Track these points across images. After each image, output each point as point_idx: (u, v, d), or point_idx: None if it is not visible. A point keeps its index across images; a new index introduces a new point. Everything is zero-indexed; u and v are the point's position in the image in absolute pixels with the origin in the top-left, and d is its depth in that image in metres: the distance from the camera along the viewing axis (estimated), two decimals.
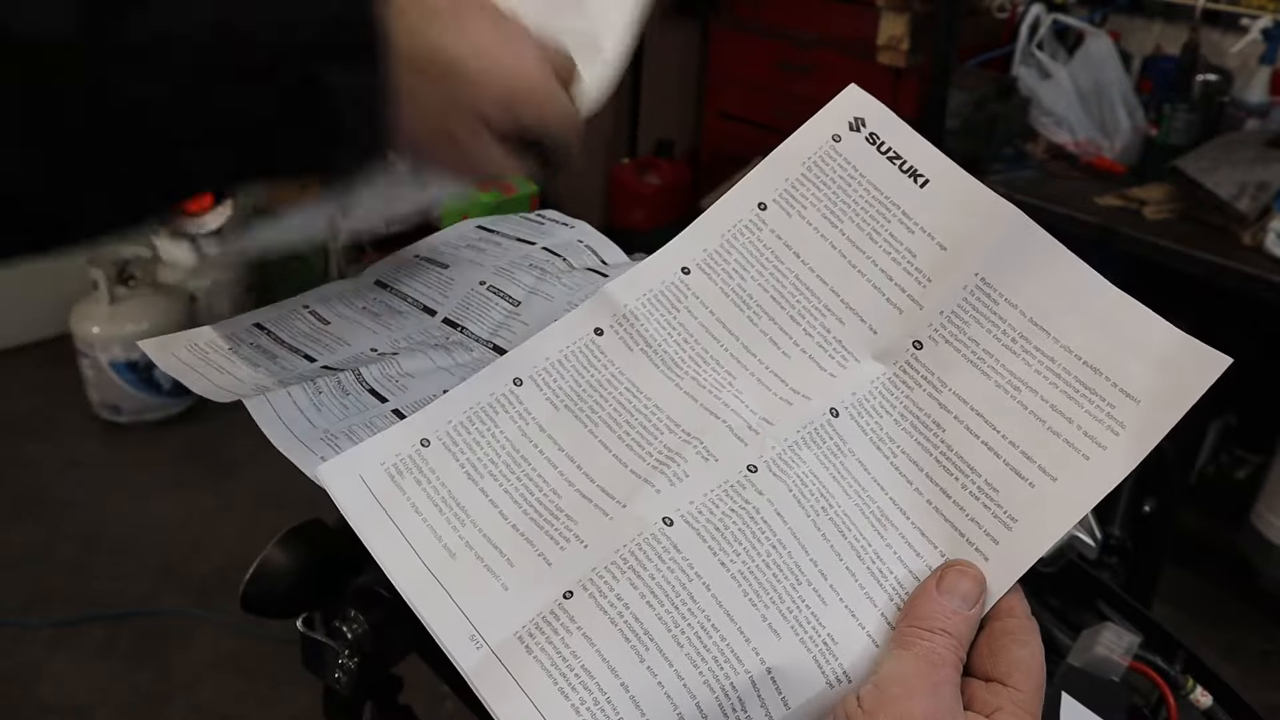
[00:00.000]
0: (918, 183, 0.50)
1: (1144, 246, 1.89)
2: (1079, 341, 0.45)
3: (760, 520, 0.44)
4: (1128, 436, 0.43)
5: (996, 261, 0.47)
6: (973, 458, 0.45)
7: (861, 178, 0.51)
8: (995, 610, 0.42)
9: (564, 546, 0.44)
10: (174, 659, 1.89)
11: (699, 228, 0.52)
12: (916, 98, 2.43)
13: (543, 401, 0.49)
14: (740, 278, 0.51)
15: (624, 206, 3.08)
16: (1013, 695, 0.39)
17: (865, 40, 2.54)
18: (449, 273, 0.65)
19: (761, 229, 0.52)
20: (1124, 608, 0.69)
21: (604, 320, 0.51)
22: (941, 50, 2.01)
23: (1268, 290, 1.79)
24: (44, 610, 1.95)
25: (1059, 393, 0.45)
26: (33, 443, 2.39)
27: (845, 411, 0.47)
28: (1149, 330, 0.44)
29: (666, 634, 0.41)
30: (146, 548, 2.12)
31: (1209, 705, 0.63)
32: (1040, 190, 2.05)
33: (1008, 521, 0.44)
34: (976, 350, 0.46)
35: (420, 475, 0.46)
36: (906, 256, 0.49)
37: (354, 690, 0.70)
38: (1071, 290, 0.46)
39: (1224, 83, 2.11)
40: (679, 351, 0.50)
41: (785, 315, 0.50)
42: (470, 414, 0.48)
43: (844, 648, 0.42)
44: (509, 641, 0.41)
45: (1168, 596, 1.83)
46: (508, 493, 0.46)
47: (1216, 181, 1.87)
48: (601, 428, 0.48)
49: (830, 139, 0.52)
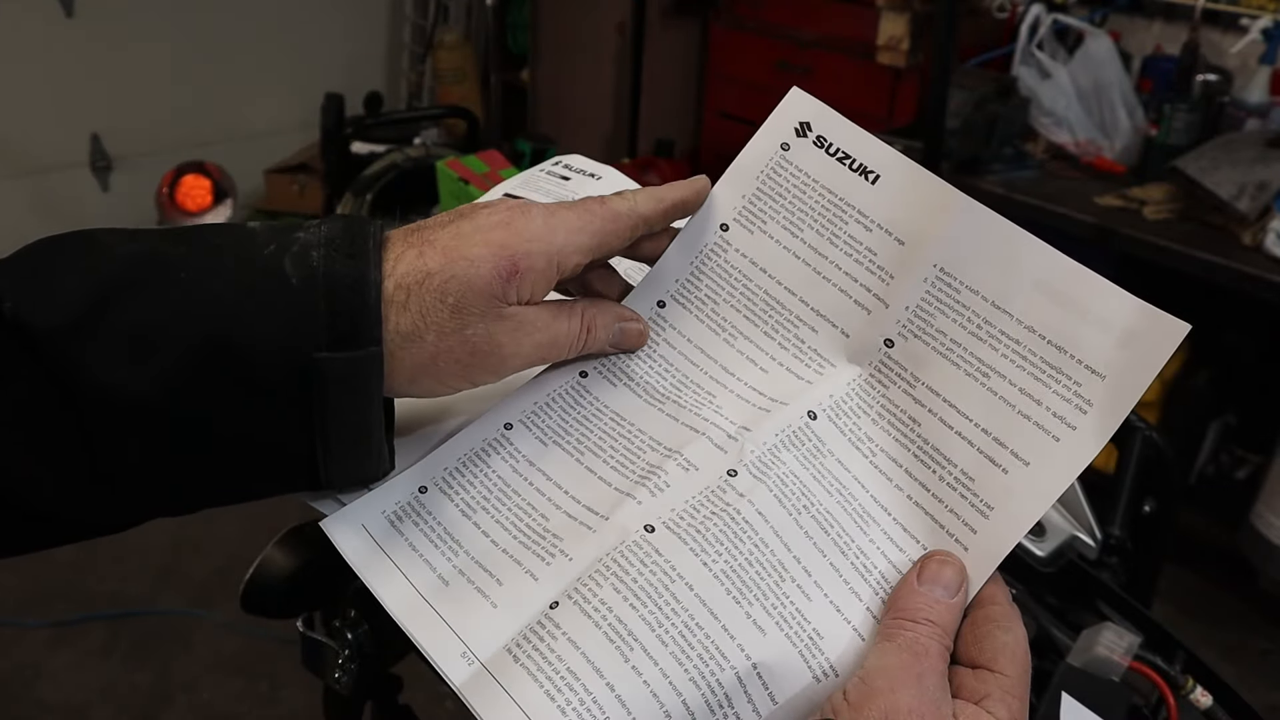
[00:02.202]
0: (869, 180, 0.50)
1: (1144, 246, 1.90)
2: (1041, 320, 0.45)
3: (741, 520, 0.44)
4: (1095, 414, 0.43)
5: (953, 250, 0.47)
6: (949, 449, 0.45)
7: (815, 183, 0.51)
8: (978, 599, 0.43)
9: (550, 562, 0.45)
10: (174, 659, 1.89)
11: (669, 259, 0.53)
12: (916, 98, 2.43)
13: (532, 440, 0.50)
14: (714, 303, 0.52)
15: None
16: (1000, 681, 0.40)
17: (865, 40, 2.55)
18: None
19: (727, 250, 0.52)
20: (1124, 608, 0.69)
21: (588, 362, 0.52)
22: (941, 50, 2.01)
23: (1268, 290, 1.79)
24: (44, 610, 1.96)
25: (1027, 375, 0.45)
26: None
27: (823, 414, 0.48)
28: (1109, 302, 0.44)
29: (650, 634, 0.41)
30: (146, 548, 2.12)
31: (1209, 705, 0.63)
32: (1040, 190, 2.06)
33: (984, 510, 0.44)
34: (945, 341, 0.47)
35: (418, 517, 0.47)
36: (868, 256, 0.49)
37: (354, 690, 0.71)
38: (1029, 269, 0.45)
39: (1224, 83, 2.11)
40: (660, 381, 0.51)
41: (760, 333, 0.51)
42: (464, 459, 0.49)
43: (829, 642, 0.42)
44: (498, 654, 0.42)
45: (1168, 596, 1.84)
46: (499, 522, 0.47)
47: (1216, 181, 1.87)
48: (588, 455, 0.49)
49: (779, 148, 0.52)
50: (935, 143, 2.01)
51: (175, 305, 0.39)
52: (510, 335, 0.44)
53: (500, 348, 0.44)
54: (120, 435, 0.40)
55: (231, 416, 0.41)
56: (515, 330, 0.45)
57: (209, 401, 0.40)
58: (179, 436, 0.40)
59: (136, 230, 0.42)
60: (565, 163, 0.70)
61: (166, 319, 0.39)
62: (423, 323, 0.42)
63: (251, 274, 0.41)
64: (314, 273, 0.41)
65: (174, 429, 0.40)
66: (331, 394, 0.41)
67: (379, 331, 0.41)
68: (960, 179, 2.08)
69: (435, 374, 0.44)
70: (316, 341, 0.40)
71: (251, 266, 0.41)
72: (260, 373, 0.40)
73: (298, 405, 0.41)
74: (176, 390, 0.39)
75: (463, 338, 0.43)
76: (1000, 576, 0.43)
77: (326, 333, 0.40)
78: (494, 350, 0.44)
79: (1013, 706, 0.39)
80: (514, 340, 0.45)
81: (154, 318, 0.39)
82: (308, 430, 0.42)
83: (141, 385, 0.39)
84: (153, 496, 0.43)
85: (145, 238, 0.42)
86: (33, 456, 0.39)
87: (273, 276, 0.40)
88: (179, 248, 0.41)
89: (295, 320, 0.40)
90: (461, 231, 0.44)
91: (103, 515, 0.43)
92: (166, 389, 0.39)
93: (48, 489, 0.40)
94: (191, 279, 0.40)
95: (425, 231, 0.44)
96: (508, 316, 0.44)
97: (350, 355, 0.40)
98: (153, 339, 0.39)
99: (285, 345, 0.40)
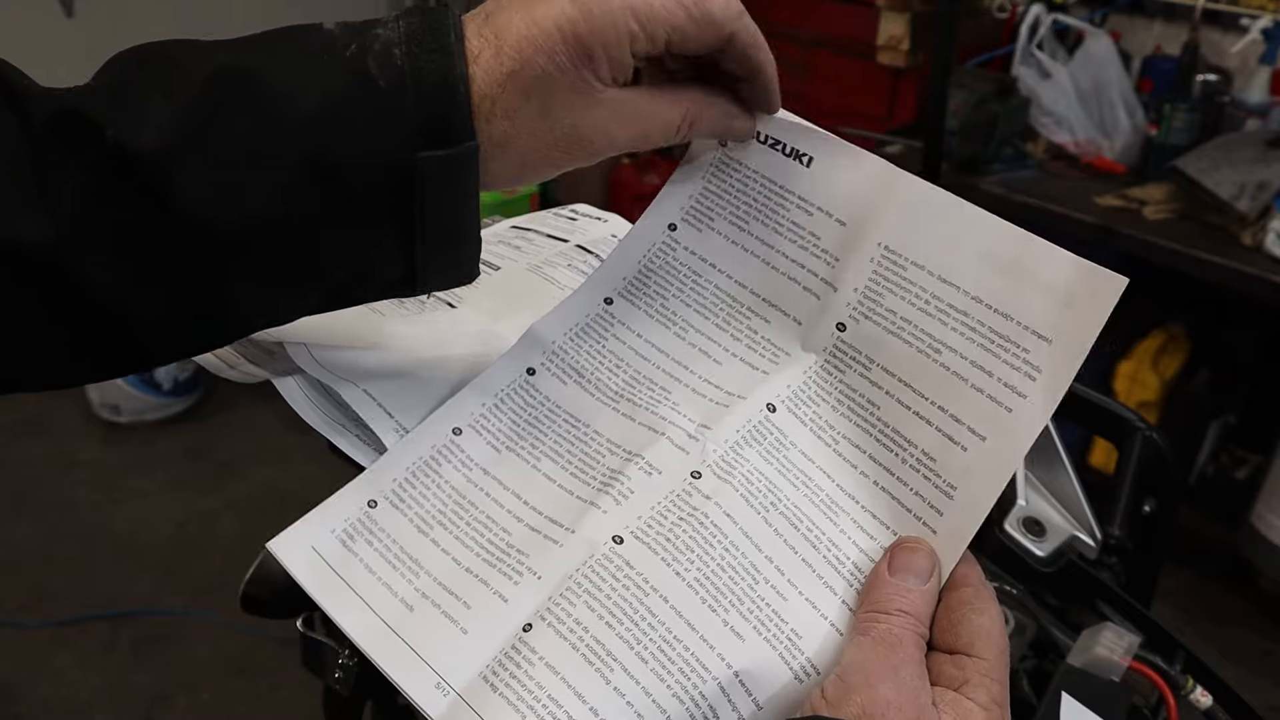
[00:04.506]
0: (803, 163, 0.49)
1: (1144, 246, 1.89)
2: (985, 288, 0.44)
3: (710, 524, 0.44)
4: (1043, 380, 0.42)
5: (894, 226, 0.46)
6: (909, 430, 0.45)
7: (756, 175, 0.51)
8: (950, 581, 0.42)
9: (518, 581, 0.44)
10: (174, 659, 1.89)
11: (615, 259, 0.52)
12: (916, 98, 2.43)
13: (484, 446, 0.49)
14: (663, 298, 0.51)
15: (624, 206, 3.07)
16: (978, 665, 0.40)
17: (865, 40, 2.54)
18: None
19: (676, 248, 0.52)
20: (1124, 608, 0.69)
21: (535, 359, 0.51)
22: (941, 50, 2.00)
23: (1268, 290, 1.79)
24: (44, 610, 1.95)
25: (976, 347, 0.44)
26: (33, 443, 2.39)
27: (782, 405, 0.47)
28: (1049, 263, 0.43)
29: (629, 652, 0.40)
30: (146, 548, 2.12)
31: (1209, 705, 0.63)
32: (1040, 190, 2.05)
33: (948, 490, 0.43)
34: (895, 320, 0.46)
35: (371, 536, 0.46)
36: (812, 240, 0.49)
37: (354, 690, 0.71)
38: (972, 239, 0.45)
39: (1224, 83, 2.11)
40: (611, 377, 0.50)
41: (712, 325, 0.50)
42: (413, 469, 0.48)
43: (808, 641, 0.42)
44: (474, 683, 0.41)
45: (1168, 596, 1.83)
46: (458, 539, 0.46)
47: (1216, 181, 1.87)
48: (545, 461, 0.48)
49: (719, 145, 0.52)
50: (935, 143, 2.01)
51: (263, 128, 0.39)
52: (601, 127, 0.44)
53: (591, 142, 0.44)
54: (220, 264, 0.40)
55: (333, 235, 0.41)
56: (608, 120, 0.44)
57: (309, 224, 0.40)
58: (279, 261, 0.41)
59: (212, 43, 0.42)
60: (573, 208, 0.76)
61: (257, 144, 0.39)
62: (512, 128, 0.42)
63: (337, 79, 0.40)
64: (400, 72, 0.40)
65: (273, 255, 0.40)
66: (430, 195, 0.41)
67: (471, 126, 0.41)
68: (960, 179, 2.08)
69: (529, 169, 0.44)
70: (413, 144, 0.40)
71: (336, 72, 0.40)
72: (359, 186, 0.40)
73: (398, 213, 0.41)
74: (273, 218, 0.39)
75: (553, 137, 0.43)
76: (972, 556, 0.43)
77: (421, 136, 0.40)
78: (586, 144, 0.44)
79: (992, 689, 0.39)
80: (605, 133, 0.44)
81: (244, 146, 0.39)
82: (408, 235, 0.42)
83: (236, 214, 0.39)
84: (251, 317, 0.43)
85: (223, 50, 0.41)
86: (136, 282, 0.39)
87: (360, 80, 0.40)
88: (257, 55, 0.40)
89: (388, 126, 0.40)
90: (534, 17, 0.42)
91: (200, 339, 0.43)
92: (264, 218, 0.39)
93: (149, 312, 0.40)
94: (278, 94, 0.39)
95: (496, 18, 0.42)
96: (600, 103, 0.43)
97: (447, 154, 0.40)
98: (245, 167, 0.39)
99: (382, 153, 0.40)
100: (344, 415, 0.52)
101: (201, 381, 2.55)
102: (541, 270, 0.65)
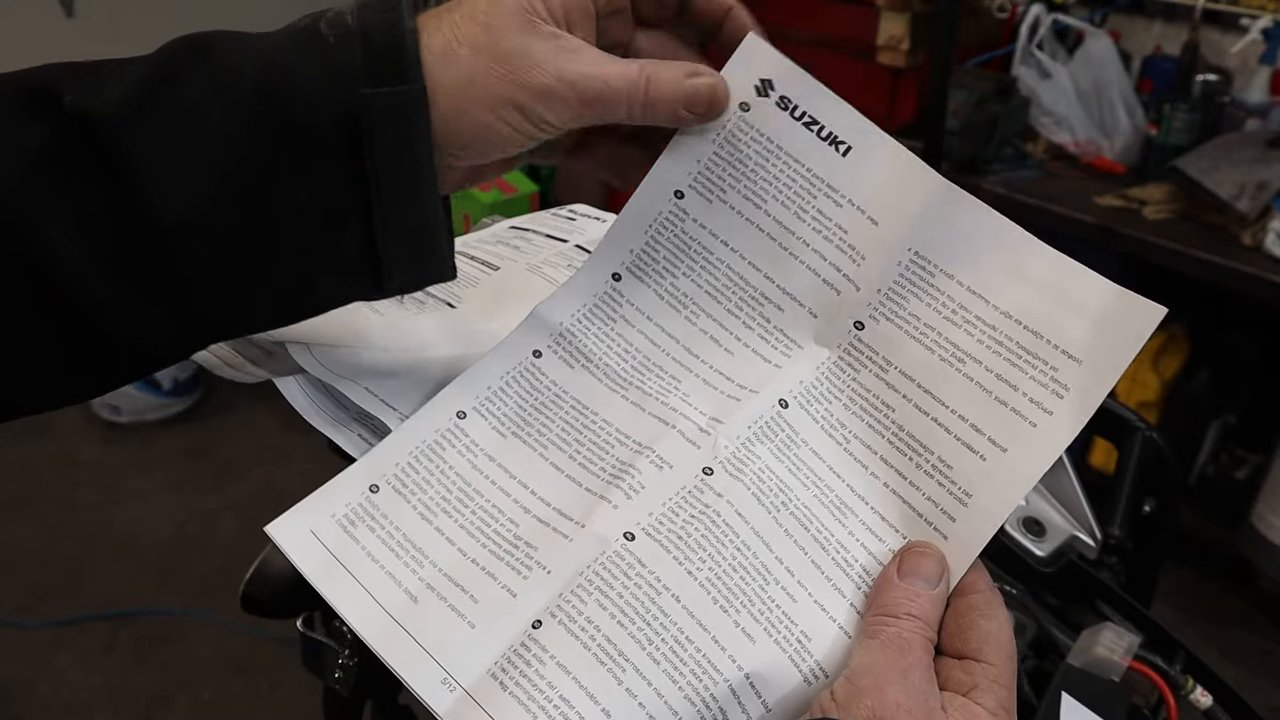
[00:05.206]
0: (840, 151, 0.46)
1: (1144, 246, 1.89)
2: (1018, 306, 0.44)
3: (721, 523, 0.43)
4: (1072, 399, 0.42)
5: (929, 233, 0.45)
6: (924, 436, 0.44)
7: (779, 150, 0.47)
8: (959, 588, 0.42)
9: (527, 575, 0.43)
10: (174, 659, 1.89)
11: (621, 226, 0.49)
12: (916, 98, 2.43)
13: (489, 431, 0.47)
14: (672, 276, 0.49)
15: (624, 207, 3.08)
16: (986, 670, 0.40)
17: (865, 40, 2.54)
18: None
19: (684, 219, 0.48)
20: (1124, 608, 0.69)
21: (541, 342, 0.49)
22: (941, 50, 2.00)
23: (1268, 290, 1.79)
24: (44, 610, 1.95)
25: (1003, 361, 0.43)
26: (33, 443, 2.39)
27: (794, 401, 0.46)
28: (1086, 288, 0.43)
29: (641, 652, 0.40)
30: (146, 548, 2.12)
31: (1209, 705, 0.63)
32: (1040, 190, 2.05)
33: (963, 498, 0.43)
34: (918, 325, 0.45)
35: (373, 522, 0.45)
36: (838, 233, 0.46)
37: (354, 690, 0.71)
38: (1006, 254, 0.44)
39: (1224, 83, 2.11)
40: (620, 363, 0.48)
41: (723, 310, 0.48)
42: (416, 453, 0.46)
43: (817, 643, 0.41)
44: (482, 680, 0.40)
45: (1168, 596, 1.83)
46: (463, 528, 0.44)
47: (1216, 181, 1.87)
48: (552, 449, 0.47)
49: (738, 109, 0.47)
50: (935, 143, 2.01)
51: (213, 84, 0.40)
52: (552, 54, 0.43)
53: (541, 65, 0.42)
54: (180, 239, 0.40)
55: (284, 184, 0.41)
56: (557, 51, 0.43)
57: (260, 169, 0.40)
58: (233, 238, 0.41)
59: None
60: (572, 208, 0.76)
61: (206, 101, 0.40)
62: (455, 39, 0.42)
63: (288, 39, 0.41)
64: (349, 30, 0.41)
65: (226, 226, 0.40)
66: (379, 142, 0.41)
67: (419, 71, 0.41)
68: (960, 179, 2.06)
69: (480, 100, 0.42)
70: (358, 81, 0.40)
71: (288, 34, 0.42)
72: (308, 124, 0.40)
73: (348, 161, 0.41)
74: (226, 175, 0.40)
75: (499, 53, 0.42)
76: (981, 563, 0.43)
77: (366, 75, 0.40)
78: (535, 67, 0.42)
79: (1000, 695, 0.39)
80: (556, 61, 0.43)
81: (193, 103, 0.40)
82: (363, 196, 0.41)
83: (187, 171, 0.39)
84: (214, 313, 0.43)
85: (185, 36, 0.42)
86: (96, 268, 0.40)
87: (310, 36, 0.41)
88: (214, 33, 0.42)
89: (335, 70, 0.40)
90: None
91: (167, 333, 0.43)
92: (215, 175, 0.40)
93: (111, 302, 0.40)
94: (229, 56, 0.41)
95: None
96: (546, 35, 0.43)
97: (393, 91, 0.40)
98: (195, 120, 0.40)
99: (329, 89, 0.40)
100: (345, 412, 0.52)
101: (201, 381, 2.55)
102: (541, 270, 0.65)
